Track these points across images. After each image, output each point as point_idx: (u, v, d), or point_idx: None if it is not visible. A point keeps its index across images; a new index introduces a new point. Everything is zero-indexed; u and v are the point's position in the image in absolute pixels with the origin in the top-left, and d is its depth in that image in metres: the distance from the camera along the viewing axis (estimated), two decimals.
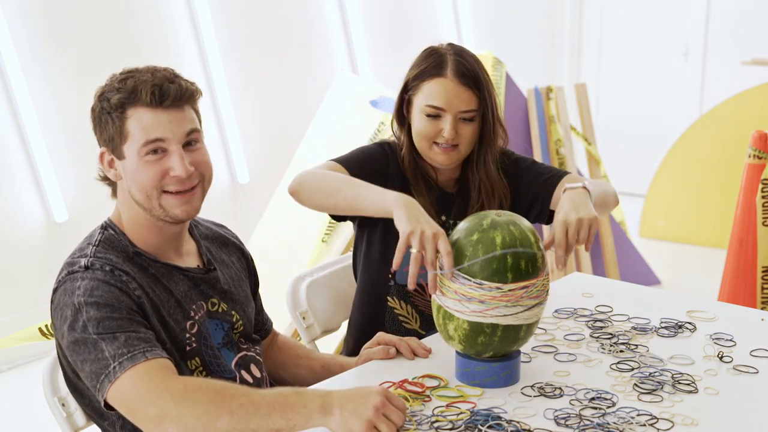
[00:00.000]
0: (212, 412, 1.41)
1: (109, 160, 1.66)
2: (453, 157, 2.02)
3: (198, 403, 1.42)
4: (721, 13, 6.09)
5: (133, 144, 1.61)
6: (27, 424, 3.31)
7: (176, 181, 1.63)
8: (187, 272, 1.71)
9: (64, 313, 1.55)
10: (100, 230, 1.68)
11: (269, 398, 1.42)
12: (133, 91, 1.60)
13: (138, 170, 1.62)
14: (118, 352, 1.49)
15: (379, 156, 2.07)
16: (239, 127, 4.80)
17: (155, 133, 1.61)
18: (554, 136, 4.25)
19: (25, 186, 3.97)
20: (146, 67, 1.66)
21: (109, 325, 1.51)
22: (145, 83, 1.60)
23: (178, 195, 1.64)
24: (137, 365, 1.48)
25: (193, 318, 1.69)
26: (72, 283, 1.57)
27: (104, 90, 1.64)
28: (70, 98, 4.05)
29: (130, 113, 1.61)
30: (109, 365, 1.48)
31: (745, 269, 2.90)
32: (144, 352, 1.49)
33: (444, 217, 2.10)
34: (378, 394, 1.40)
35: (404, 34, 5.55)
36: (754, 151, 2.87)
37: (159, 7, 4.42)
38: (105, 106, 1.62)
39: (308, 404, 1.40)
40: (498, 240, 1.60)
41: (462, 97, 1.98)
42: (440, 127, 1.98)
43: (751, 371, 1.74)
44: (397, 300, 2.09)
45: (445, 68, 1.98)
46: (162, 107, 1.61)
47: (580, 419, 1.53)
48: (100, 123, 1.65)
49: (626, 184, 6.30)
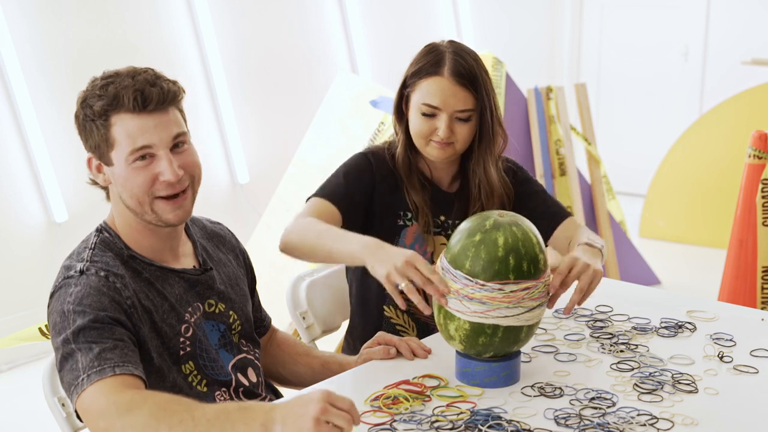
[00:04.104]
0: (152, 426, 1.39)
1: (97, 165, 1.65)
2: (448, 152, 2.01)
3: (139, 417, 1.41)
4: (721, 13, 6.09)
5: (120, 151, 1.60)
6: (27, 424, 3.31)
7: (166, 186, 1.62)
8: (182, 274, 1.70)
9: (54, 319, 1.56)
10: (95, 233, 1.67)
11: (210, 415, 1.38)
12: (115, 97, 1.58)
13: (127, 177, 1.61)
14: (89, 364, 1.48)
15: (363, 167, 2.05)
16: (239, 127, 4.79)
17: (141, 140, 1.59)
18: (554, 136, 4.25)
19: (25, 186, 3.97)
20: (127, 69, 1.63)
21: (89, 334, 1.50)
22: (126, 89, 1.58)
23: (170, 201, 1.64)
24: (104, 379, 1.46)
25: (188, 321, 1.68)
26: (66, 289, 1.57)
27: (86, 96, 1.62)
28: (70, 98, 3.99)
29: (114, 120, 1.59)
30: (79, 376, 1.48)
31: (745, 269, 2.90)
32: (113, 366, 1.48)
33: (443, 217, 2.10)
34: (317, 401, 1.33)
35: (404, 34, 5.55)
36: (754, 151, 2.87)
37: (159, 7, 4.42)
38: (88, 113, 1.61)
39: (250, 422, 1.36)
40: (500, 241, 1.60)
41: (458, 97, 1.97)
42: (435, 126, 1.98)
43: (751, 371, 1.74)
44: (393, 309, 2.10)
45: (442, 67, 1.97)
46: (146, 112, 1.59)
47: (580, 419, 1.53)
48: (85, 130, 1.63)
49: (626, 184, 6.30)
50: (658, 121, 6.38)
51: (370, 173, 2.05)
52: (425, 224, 2.04)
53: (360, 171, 2.04)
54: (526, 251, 1.61)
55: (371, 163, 2.06)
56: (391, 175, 2.07)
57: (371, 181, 2.04)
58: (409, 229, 2.06)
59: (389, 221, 2.06)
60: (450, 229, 2.09)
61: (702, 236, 5.32)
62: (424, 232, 2.05)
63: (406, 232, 2.06)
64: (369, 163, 2.06)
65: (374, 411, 1.57)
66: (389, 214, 2.06)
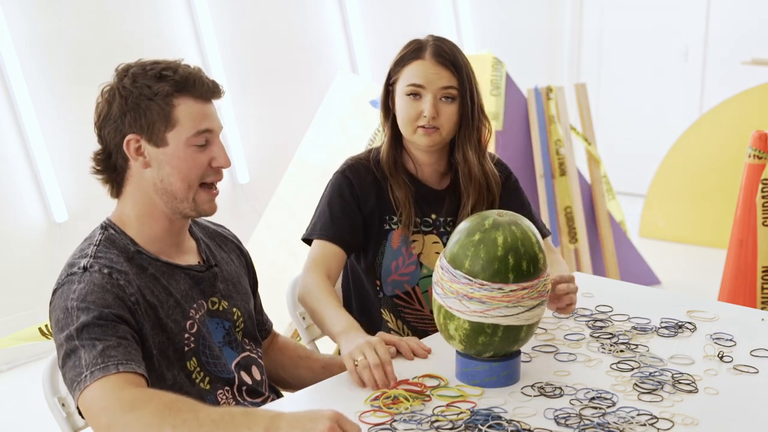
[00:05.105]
0: (155, 425, 1.40)
1: (137, 147, 1.64)
2: (435, 138, 2.02)
3: (143, 415, 1.41)
4: (721, 13, 6.09)
5: (181, 132, 1.63)
6: (27, 424, 3.31)
7: (216, 171, 1.68)
8: (187, 271, 1.71)
9: (57, 315, 1.56)
10: (100, 230, 1.67)
11: (215, 416, 1.39)
12: (185, 79, 1.63)
13: (184, 158, 1.64)
14: (92, 361, 1.48)
15: (343, 187, 2.08)
16: (239, 127, 4.79)
17: (206, 124, 1.65)
18: (554, 136, 4.25)
19: (25, 186, 3.97)
20: (165, 60, 1.69)
21: (93, 331, 1.51)
22: (196, 75, 1.65)
23: (210, 191, 1.68)
24: (107, 376, 1.47)
25: (192, 317, 1.69)
26: (69, 286, 1.57)
27: (136, 76, 1.63)
28: (71, 98, 4.04)
29: (178, 102, 1.63)
30: (82, 373, 1.48)
31: (745, 269, 2.90)
32: (117, 364, 1.48)
33: (434, 215, 2.10)
34: (327, 419, 1.34)
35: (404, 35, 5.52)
36: (754, 151, 2.87)
37: (159, 8, 4.42)
38: (145, 92, 1.61)
39: (253, 427, 1.36)
40: (500, 240, 1.60)
41: (441, 75, 2.00)
42: (421, 108, 2.00)
43: (751, 371, 1.74)
44: (389, 313, 2.10)
45: (423, 51, 2.02)
46: (206, 99, 1.66)
47: (580, 419, 1.53)
48: (138, 108, 1.61)
49: (626, 184, 6.30)
50: (658, 121, 6.38)
51: (350, 189, 2.07)
52: (407, 221, 2.05)
53: (341, 193, 2.07)
54: (526, 250, 1.61)
55: (349, 178, 2.08)
56: (375, 181, 2.09)
57: (353, 197, 2.07)
58: (394, 233, 2.07)
59: (377, 227, 2.08)
60: (442, 227, 2.10)
61: (702, 236, 5.32)
62: (406, 228, 2.05)
63: (392, 236, 2.07)
64: (347, 180, 2.08)
65: (374, 411, 1.57)
66: (376, 220, 2.08)
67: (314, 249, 2.05)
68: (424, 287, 2.08)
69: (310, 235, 2.06)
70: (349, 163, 2.11)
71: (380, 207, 2.08)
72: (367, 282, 2.11)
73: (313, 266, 2.00)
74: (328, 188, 2.10)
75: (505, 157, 2.89)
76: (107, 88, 1.66)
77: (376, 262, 2.08)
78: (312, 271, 1.99)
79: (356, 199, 2.06)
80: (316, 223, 2.07)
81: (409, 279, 2.08)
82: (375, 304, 2.11)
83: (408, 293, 2.08)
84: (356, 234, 2.06)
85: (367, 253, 2.08)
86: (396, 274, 2.07)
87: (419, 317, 2.10)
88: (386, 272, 2.07)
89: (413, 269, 2.07)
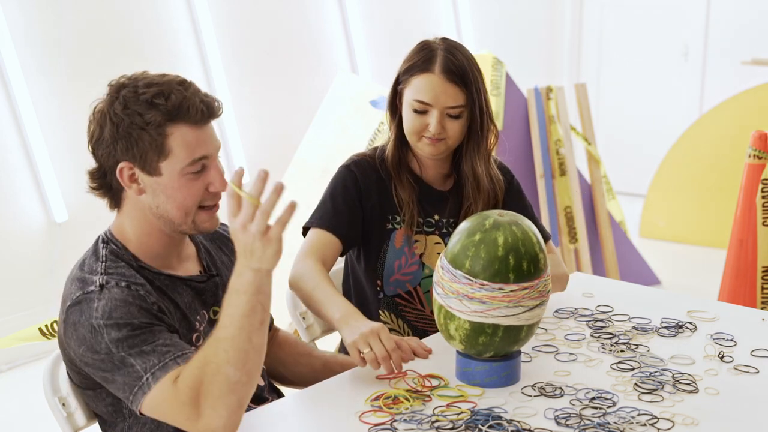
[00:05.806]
0: (222, 374, 1.43)
1: (130, 174, 1.59)
2: (440, 147, 2.02)
3: (211, 384, 1.43)
4: (721, 13, 6.09)
5: (175, 162, 1.57)
6: (27, 424, 3.31)
7: (213, 196, 1.63)
8: (189, 282, 1.70)
9: (80, 333, 1.53)
10: (102, 245, 1.64)
11: (226, 322, 1.46)
12: (179, 108, 1.55)
13: (179, 188, 1.59)
14: (149, 363, 1.48)
15: (347, 180, 2.07)
16: (239, 127, 4.79)
17: (201, 151, 1.58)
18: (554, 136, 4.25)
19: (25, 186, 3.97)
20: (161, 76, 1.59)
21: (133, 342, 1.50)
22: (188, 100, 1.56)
23: (210, 210, 1.64)
24: (170, 373, 1.47)
25: (198, 330, 1.69)
26: (89, 304, 1.54)
27: (127, 102, 1.55)
28: (70, 98, 4.04)
29: (171, 130, 1.56)
30: (142, 377, 1.48)
31: (745, 269, 2.89)
32: (175, 358, 1.49)
33: (437, 215, 2.10)
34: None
35: (404, 35, 5.54)
36: (754, 151, 2.87)
37: (159, 8, 4.42)
38: (137, 121, 1.54)
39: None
40: (500, 240, 1.60)
41: (449, 93, 1.97)
42: (427, 122, 1.99)
43: (751, 371, 1.74)
44: (388, 313, 2.10)
45: (433, 64, 1.98)
46: (202, 124, 1.59)
47: (580, 419, 1.53)
48: (129, 137, 1.56)
49: (626, 184, 6.30)
50: (658, 121, 6.38)
51: (354, 184, 2.06)
52: (410, 221, 2.05)
53: (345, 186, 2.06)
54: (526, 250, 1.61)
55: (354, 173, 2.07)
56: (379, 180, 2.08)
57: (357, 192, 2.06)
58: (397, 233, 2.07)
59: (379, 226, 2.07)
60: (444, 228, 2.09)
61: (702, 236, 5.32)
62: (409, 228, 2.05)
63: (395, 236, 2.07)
64: (352, 175, 2.07)
65: (374, 411, 1.57)
66: (379, 218, 2.07)
67: (311, 236, 2.03)
68: (425, 287, 2.08)
69: (310, 224, 2.05)
70: (355, 159, 2.11)
71: (383, 206, 2.07)
72: (367, 283, 2.11)
73: (309, 252, 1.99)
74: (332, 181, 2.09)
75: (505, 157, 2.88)
76: (99, 107, 1.60)
77: (379, 261, 2.07)
78: (307, 257, 1.97)
79: (359, 194, 2.06)
80: (317, 213, 2.06)
81: (411, 279, 2.08)
82: (374, 305, 2.10)
83: (410, 293, 2.08)
84: (355, 228, 2.05)
85: (370, 252, 2.08)
86: (398, 274, 2.07)
87: (420, 317, 2.10)
88: (389, 272, 2.07)
89: (415, 269, 2.07)
